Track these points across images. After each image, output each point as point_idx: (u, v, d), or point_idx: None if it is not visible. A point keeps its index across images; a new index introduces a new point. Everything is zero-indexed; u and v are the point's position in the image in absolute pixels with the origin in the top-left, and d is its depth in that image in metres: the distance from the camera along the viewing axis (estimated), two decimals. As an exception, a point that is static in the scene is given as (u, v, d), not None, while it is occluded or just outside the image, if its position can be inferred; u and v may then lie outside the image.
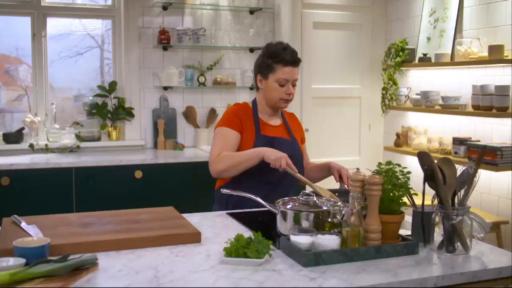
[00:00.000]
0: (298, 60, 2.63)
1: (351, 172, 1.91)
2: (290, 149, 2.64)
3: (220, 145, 2.58)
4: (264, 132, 2.67)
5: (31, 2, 4.44)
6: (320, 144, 4.99)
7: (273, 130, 2.70)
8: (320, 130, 4.97)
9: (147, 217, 2.19)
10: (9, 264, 1.57)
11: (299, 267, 1.70)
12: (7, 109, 4.71)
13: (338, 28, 4.99)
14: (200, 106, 4.83)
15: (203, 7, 4.75)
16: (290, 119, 2.83)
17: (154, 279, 1.59)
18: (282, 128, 2.75)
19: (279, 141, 2.66)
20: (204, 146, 4.72)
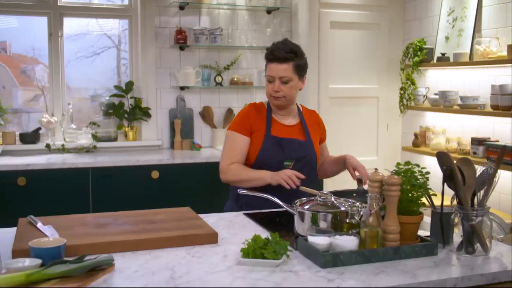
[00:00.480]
0: (281, 57, 2.55)
1: (369, 172, 1.88)
2: (301, 150, 2.62)
3: (229, 151, 2.66)
4: (275, 132, 2.64)
5: (47, 2, 4.46)
6: (338, 144, 4.94)
7: (285, 130, 2.67)
8: (337, 130, 4.93)
9: (164, 217, 2.18)
10: (25, 264, 1.57)
11: (317, 268, 1.68)
12: (23, 109, 4.74)
13: (355, 28, 4.95)
14: (217, 106, 4.82)
15: (220, 7, 4.74)
16: (310, 118, 2.78)
17: (171, 280, 1.58)
18: (298, 128, 2.71)
19: (288, 142, 2.62)
20: (221, 146, 4.68)
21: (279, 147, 2.60)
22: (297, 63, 2.59)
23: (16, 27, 4.65)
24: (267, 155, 2.60)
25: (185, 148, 4.58)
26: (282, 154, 2.61)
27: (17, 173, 3.71)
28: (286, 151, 2.61)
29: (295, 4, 4.88)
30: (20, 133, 4.36)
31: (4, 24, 4.61)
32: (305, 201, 2.07)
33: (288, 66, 2.55)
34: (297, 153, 2.62)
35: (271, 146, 2.60)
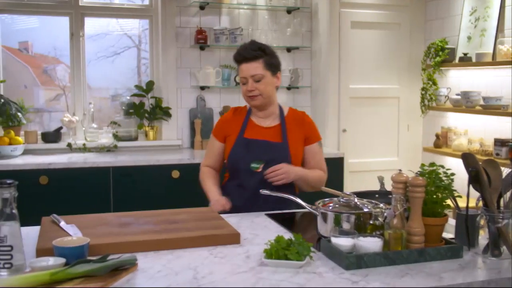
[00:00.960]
0: (249, 56, 2.55)
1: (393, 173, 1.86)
2: (271, 152, 2.57)
3: (206, 153, 2.82)
4: (249, 135, 2.62)
5: (69, 2, 4.49)
6: (358, 144, 4.92)
7: (260, 132, 2.63)
8: (357, 130, 4.90)
9: (185, 217, 2.18)
10: (49, 263, 1.58)
11: (341, 269, 1.67)
12: (45, 108, 4.78)
13: (376, 28, 4.92)
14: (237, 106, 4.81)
15: (240, 7, 4.74)
16: (294, 119, 2.69)
17: (194, 280, 1.58)
18: (275, 130, 2.64)
19: (257, 144, 2.59)
20: (240, 146, 4.70)
21: (246, 149, 2.58)
22: (267, 60, 2.57)
23: (37, 27, 4.69)
24: (234, 157, 2.61)
25: (205, 147, 4.58)
26: (249, 156, 2.57)
27: (39, 172, 3.74)
28: (254, 153, 2.58)
29: (315, 4, 4.86)
30: (42, 132, 4.40)
31: (26, 24, 4.66)
32: (327, 201, 2.05)
33: (258, 63, 2.54)
34: (268, 155, 2.57)
35: (238, 148, 2.60)
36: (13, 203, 1.63)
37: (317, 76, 4.91)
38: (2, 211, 1.61)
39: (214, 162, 2.75)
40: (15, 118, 4.07)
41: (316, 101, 4.95)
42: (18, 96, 4.40)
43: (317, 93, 4.93)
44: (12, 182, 1.62)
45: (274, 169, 2.48)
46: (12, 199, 1.62)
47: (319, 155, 2.72)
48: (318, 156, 2.71)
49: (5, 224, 1.59)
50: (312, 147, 2.69)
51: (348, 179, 4.74)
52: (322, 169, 2.72)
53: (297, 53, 4.95)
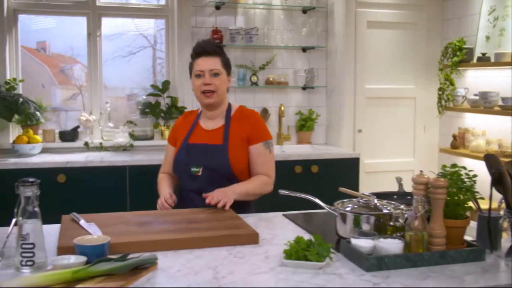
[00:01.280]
0: (210, 49, 2.52)
1: (414, 174, 1.84)
2: (209, 156, 2.49)
3: (164, 161, 2.78)
4: (192, 139, 2.58)
5: (87, 2, 4.52)
6: (373, 145, 4.90)
7: (203, 135, 2.58)
8: (373, 130, 4.88)
9: (204, 216, 2.18)
10: (70, 261, 1.59)
11: (361, 271, 1.66)
12: (62, 107, 4.81)
13: (392, 27, 4.89)
14: (252, 106, 4.81)
15: (256, 7, 4.74)
16: (240, 119, 2.59)
17: (214, 280, 1.57)
18: (218, 131, 2.57)
19: (195, 148, 2.54)
20: (256, 146, 4.69)
21: (186, 154, 2.54)
22: (224, 59, 2.58)
23: (54, 27, 4.72)
24: (175, 163, 2.59)
25: (220, 147, 4.58)
26: (188, 161, 2.53)
27: (57, 170, 3.76)
28: (193, 157, 2.52)
29: (331, 3, 4.84)
30: (60, 131, 4.44)
31: (43, 24, 4.69)
32: (346, 202, 2.04)
33: (217, 59, 2.53)
34: (205, 158, 2.50)
35: (180, 154, 2.57)
36: (35, 201, 1.64)
37: (332, 76, 4.89)
38: (25, 209, 1.62)
39: (169, 169, 2.69)
40: (33, 117, 4.10)
41: (331, 101, 4.93)
42: (36, 95, 4.43)
43: (332, 93, 4.91)
44: (34, 181, 1.63)
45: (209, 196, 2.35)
46: (34, 197, 1.64)
47: (264, 156, 2.56)
48: (262, 158, 2.56)
49: (27, 222, 1.61)
50: (255, 147, 2.55)
51: (364, 180, 4.71)
52: (265, 173, 2.57)
53: (312, 53, 4.94)
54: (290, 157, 4.26)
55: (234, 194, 2.39)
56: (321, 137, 5.03)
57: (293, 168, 4.21)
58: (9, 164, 3.72)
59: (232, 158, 2.48)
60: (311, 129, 4.90)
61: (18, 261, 1.60)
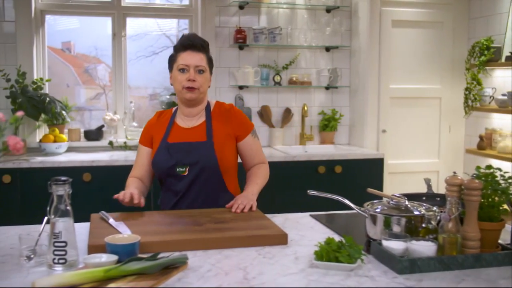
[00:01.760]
0: (198, 44, 2.41)
1: (448, 176, 1.81)
2: (194, 154, 2.40)
3: (135, 165, 2.60)
4: (172, 138, 2.46)
5: (112, 2, 4.54)
6: (398, 145, 4.85)
7: (184, 134, 2.46)
8: (397, 131, 4.83)
9: (231, 216, 2.17)
10: (102, 260, 1.59)
11: (393, 273, 1.63)
12: (86, 107, 4.85)
13: (418, 26, 4.84)
14: (275, 106, 4.80)
15: (280, 6, 4.72)
16: (221, 114, 2.51)
17: (245, 280, 1.56)
18: (200, 128, 2.47)
19: (178, 147, 2.42)
20: (279, 145, 4.69)
21: (167, 153, 2.41)
22: (209, 57, 2.48)
23: (78, 28, 4.76)
24: (157, 164, 2.45)
25: (243, 147, 4.57)
26: (171, 161, 2.40)
27: (83, 169, 3.79)
28: (176, 157, 2.40)
29: (355, 2, 4.81)
30: (85, 130, 4.47)
31: (67, 25, 4.73)
32: (376, 203, 2.02)
33: (203, 56, 2.42)
34: (190, 157, 2.39)
35: (160, 154, 2.43)
36: (67, 199, 1.64)
37: (356, 75, 4.85)
38: (57, 208, 1.63)
39: (140, 172, 2.55)
40: (60, 116, 4.14)
41: (355, 101, 4.90)
42: (60, 95, 4.46)
43: (356, 93, 4.87)
44: (67, 179, 1.64)
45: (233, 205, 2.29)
46: (66, 195, 1.64)
47: (255, 145, 2.56)
48: (254, 148, 2.55)
49: (60, 220, 1.61)
50: (245, 141, 2.52)
51: (387, 181, 4.67)
52: (262, 160, 2.59)
53: (336, 53, 4.91)
54: (313, 157, 4.23)
55: (254, 195, 2.40)
56: (344, 137, 5.00)
57: (317, 169, 4.19)
58: (36, 162, 3.76)
59: (219, 153, 2.40)
60: (334, 129, 4.87)
61: (51, 259, 1.61)
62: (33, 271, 1.62)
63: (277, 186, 4.12)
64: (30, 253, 1.68)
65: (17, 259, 1.73)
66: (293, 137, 4.86)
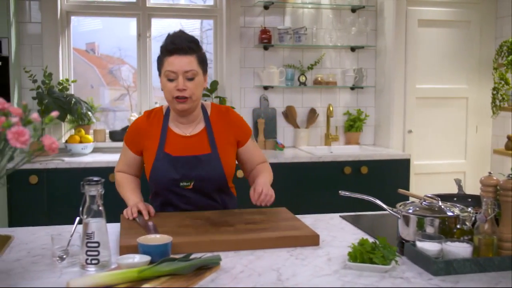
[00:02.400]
0: (184, 46, 2.12)
1: (483, 176, 1.78)
2: (200, 168, 2.22)
3: (120, 159, 2.42)
4: (170, 147, 2.24)
5: (137, 3, 4.56)
6: (424, 145, 4.80)
7: (183, 144, 2.25)
8: (423, 131, 4.78)
9: (261, 217, 2.16)
10: (135, 261, 1.58)
11: (428, 275, 1.60)
12: (110, 107, 4.88)
13: (444, 26, 4.78)
14: (300, 106, 4.78)
15: (305, 6, 4.70)
16: (219, 120, 2.32)
17: (279, 281, 1.55)
18: (200, 137, 2.27)
19: (184, 161, 2.22)
20: (304, 146, 4.66)
21: (172, 167, 2.21)
22: (200, 55, 2.19)
23: (101, 29, 4.79)
24: (158, 176, 2.24)
25: (268, 147, 4.56)
26: (177, 174, 2.22)
27: (108, 169, 3.79)
28: (181, 171, 2.22)
29: (381, 2, 4.76)
30: (110, 131, 4.50)
31: (91, 26, 4.76)
32: (409, 204, 1.99)
33: (192, 58, 2.13)
34: (197, 171, 2.22)
35: (162, 166, 2.22)
36: (100, 200, 1.65)
37: (382, 75, 4.81)
38: (90, 208, 1.63)
39: (128, 169, 2.40)
40: (85, 117, 4.16)
41: (380, 101, 4.85)
42: (84, 96, 4.49)
43: (381, 93, 4.83)
44: (99, 180, 1.64)
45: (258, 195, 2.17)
46: (99, 196, 1.65)
47: (256, 149, 2.45)
48: (255, 150, 2.43)
49: (92, 221, 1.61)
50: (247, 146, 2.39)
51: (413, 181, 4.62)
52: (263, 160, 2.48)
53: (361, 53, 4.87)
54: (339, 158, 4.20)
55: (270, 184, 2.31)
56: (370, 137, 4.96)
57: (343, 169, 4.16)
58: (62, 163, 3.79)
59: (225, 165, 2.26)
60: (360, 130, 4.83)
61: (83, 259, 1.61)
62: (66, 272, 1.62)
63: (303, 187, 4.10)
64: (62, 254, 1.69)
65: (49, 259, 1.74)
66: (318, 138, 4.84)
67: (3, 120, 1.24)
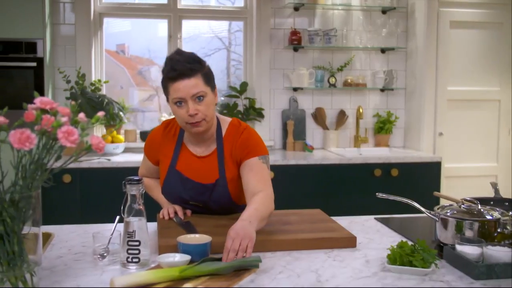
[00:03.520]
0: (186, 70, 2.00)
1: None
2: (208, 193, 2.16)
3: (142, 167, 2.42)
4: (182, 165, 2.18)
5: (168, 5, 4.60)
6: (455, 148, 4.74)
7: (194, 164, 2.18)
8: (455, 134, 4.72)
9: (296, 218, 2.16)
10: (175, 259, 1.60)
11: (469, 279, 1.59)
12: (139, 108, 4.92)
13: (476, 27, 4.71)
14: (329, 108, 4.77)
15: (335, 7, 4.68)
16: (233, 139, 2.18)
17: (318, 283, 1.55)
18: (211, 160, 2.18)
19: (193, 184, 2.17)
20: (333, 148, 4.65)
21: (182, 186, 2.18)
22: (205, 72, 2.06)
23: (130, 30, 4.84)
24: (169, 190, 2.22)
25: (297, 149, 4.56)
26: (186, 194, 2.19)
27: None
28: (190, 193, 2.18)
29: (412, 3, 4.73)
30: (140, 131, 4.54)
31: (120, 27, 4.81)
32: (447, 207, 1.97)
33: (198, 79, 2.01)
34: (204, 197, 2.17)
35: (173, 183, 2.19)
36: (141, 199, 1.66)
37: (412, 77, 4.77)
38: (131, 207, 1.65)
39: (151, 176, 2.40)
40: (117, 117, 4.21)
41: (411, 104, 4.81)
42: (114, 96, 4.54)
43: (412, 95, 4.79)
44: (140, 179, 1.66)
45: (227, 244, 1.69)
46: (139, 195, 1.66)
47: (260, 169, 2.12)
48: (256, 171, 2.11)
49: (133, 220, 1.63)
50: (242, 167, 2.14)
51: (444, 184, 4.57)
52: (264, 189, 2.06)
53: (391, 54, 4.84)
54: (369, 160, 4.18)
55: (253, 225, 1.81)
56: (399, 140, 4.92)
57: (372, 172, 4.13)
58: (95, 163, 3.83)
59: (232, 190, 2.16)
60: (389, 132, 4.80)
61: (124, 258, 1.63)
62: (107, 269, 1.64)
63: (332, 189, 4.09)
64: (103, 252, 1.71)
65: (90, 257, 1.76)
66: (347, 140, 4.82)
67: (53, 120, 1.26)
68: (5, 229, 1.29)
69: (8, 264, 1.31)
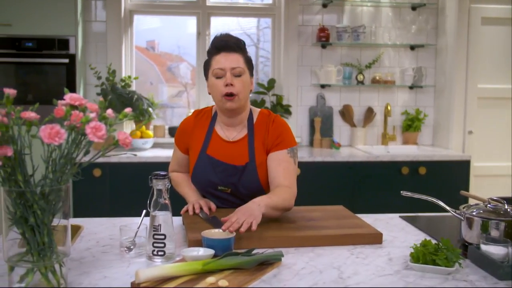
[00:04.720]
0: (232, 44, 2.16)
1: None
2: (237, 176, 2.20)
3: (173, 160, 2.47)
4: (212, 150, 2.24)
5: (197, 2, 4.64)
6: (486, 147, 4.68)
7: (224, 149, 2.24)
8: (485, 132, 4.66)
9: (320, 215, 2.17)
10: (199, 253, 1.63)
11: (494, 279, 1.58)
12: (168, 104, 4.97)
13: (508, 24, 4.63)
14: (357, 105, 4.75)
15: (364, 4, 4.66)
16: (262, 127, 2.25)
17: (340, 279, 1.56)
18: (242, 145, 2.24)
19: (223, 167, 2.21)
20: (361, 145, 4.63)
21: (212, 170, 2.22)
22: (247, 57, 2.21)
23: (160, 27, 4.89)
24: (198, 176, 2.26)
25: (324, 146, 4.56)
26: (216, 178, 2.22)
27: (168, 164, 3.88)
28: (219, 176, 2.22)
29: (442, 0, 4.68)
30: (169, 127, 4.59)
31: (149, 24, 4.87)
32: (473, 206, 1.96)
33: (239, 56, 2.16)
34: (234, 179, 2.21)
35: (203, 168, 2.23)
36: (166, 194, 1.70)
37: (442, 75, 4.72)
38: (157, 201, 1.68)
39: (179, 168, 2.45)
40: (146, 113, 4.27)
41: (440, 101, 4.77)
42: (144, 92, 4.60)
43: (441, 93, 4.74)
44: (166, 174, 1.69)
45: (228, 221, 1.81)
46: (165, 190, 1.69)
47: (287, 164, 2.20)
48: (284, 166, 2.19)
49: (159, 214, 1.67)
50: (276, 153, 2.21)
51: (473, 183, 4.51)
52: (288, 184, 2.16)
53: (421, 51, 4.79)
54: (396, 157, 4.16)
55: (261, 208, 1.93)
56: (428, 138, 4.88)
57: (400, 169, 4.11)
58: (124, 157, 3.90)
59: (262, 175, 2.21)
60: (418, 130, 4.76)
61: (150, 251, 1.67)
62: (134, 262, 1.68)
63: (359, 186, 4.08)
64: (130, 244, 1.75)
65: (117, 249, 1.81)
66: (374, 137, 4.80)
67: (82, 116, 1.30)
68: (36, 221, 1.33)
69: (39, 254, 1.35)
